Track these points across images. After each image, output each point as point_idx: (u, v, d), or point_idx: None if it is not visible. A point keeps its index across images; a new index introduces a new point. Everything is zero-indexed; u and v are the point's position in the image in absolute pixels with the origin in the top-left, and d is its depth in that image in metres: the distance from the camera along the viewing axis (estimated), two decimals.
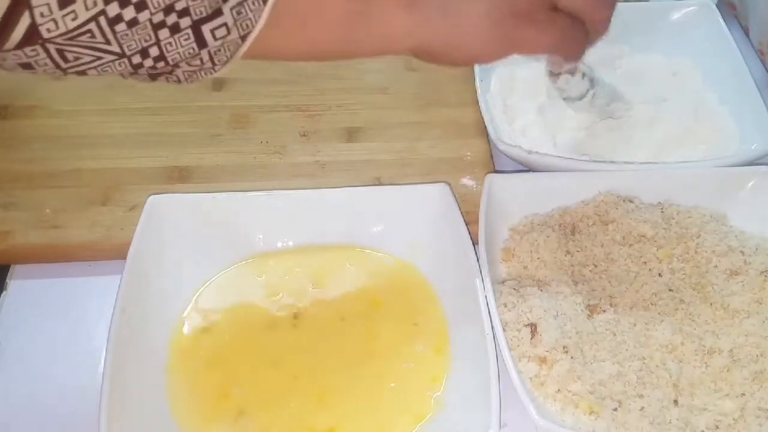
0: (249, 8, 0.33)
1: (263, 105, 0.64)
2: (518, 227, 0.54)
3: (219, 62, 0.34)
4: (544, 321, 0.46)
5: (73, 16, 0.29)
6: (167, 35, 0.32)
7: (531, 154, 0.55)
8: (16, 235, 0.53)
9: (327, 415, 0.45)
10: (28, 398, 0.47)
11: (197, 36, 0.33)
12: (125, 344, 0.44)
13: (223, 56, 0.34)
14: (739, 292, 0.49)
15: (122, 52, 0.32)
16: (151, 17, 0.31)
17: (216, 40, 0.33)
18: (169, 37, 0.32)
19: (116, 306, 0.45)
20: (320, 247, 0.53)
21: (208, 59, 0.34)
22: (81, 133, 0.61)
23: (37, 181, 0.57)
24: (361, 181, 0.58)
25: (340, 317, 0.50)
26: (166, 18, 0.31)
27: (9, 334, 0.50)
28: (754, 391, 0.44)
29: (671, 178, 0.55)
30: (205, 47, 0.33)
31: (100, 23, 0.30)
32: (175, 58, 0.33)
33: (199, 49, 0.33)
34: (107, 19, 0.30)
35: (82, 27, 0.30)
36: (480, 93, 0.60)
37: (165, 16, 0.31)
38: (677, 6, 0.68)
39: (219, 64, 0.35)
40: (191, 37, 0.32)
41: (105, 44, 0.31)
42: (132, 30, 0.31)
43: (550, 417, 0.42)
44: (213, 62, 0.34)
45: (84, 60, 0.32)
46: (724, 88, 0.62)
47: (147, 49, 0.32)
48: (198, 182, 0.57)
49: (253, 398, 0.46)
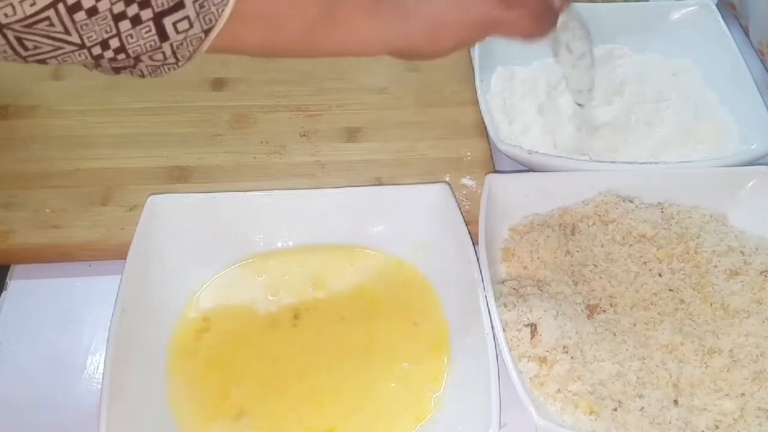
0: (212, 2, 0.32)
1: (263, 105, 0.64)
2: (518, 227, 0.54)
3: (182, 57, 0.34)
4: (544, 321, 0.46)
5: (31, 1, 0.29)
6: (128, 27, 0.32)
7: (531, 154, 0.55)
8: (16, 235, 0.53)
9: (327, 415, 0.45)
10: (27, 398, 0.47)
11: (159, 28, 0.32)
12: (125, 344, 0.44)
13: (185, 51, 0.34)
14: (739, 292, 0.49)
15: (82, 43, 0.31)
16: (112, 7, 0.30)
17: (178, 34, 0.33)
18: (130, 28, 0.32)
19: (116, 306, 0.45)
20: (320, 247, 0.53)
21: (171, 53, 0.34)
22: (81, 133, 0.61)
23: (37, 181, 0.57)
24: (361, 181, 0.58)
25: (340, 317, 0.50)
26: (126, 9, 0.31)
27: (9, 334, 0.50)
28: (754, 391, 0.44)
29: (671, 178, 0.55)
30: (167, 40, 0.33)
31: (59, 10, 0.30)
32: (137, 51, 0.33)
33: (160, 42, 0.33)
34: (66, 6, 0.30)
35: (40, 13, 0.30)
36: (480, 93, 0.60)
37: (126, 7, 0.31)
38: (677, 6, 0.68)
39: (182, 59, 0.34)
40: (153, 30, 0.32)
41: (64, 34, 0.31)
42: (92, 20, 0.31)
43: (550, 417, 0.42)
44: (176, 57, 0.34)
45: (44, 49, 0.31)
46: (724, 88, 0.63)
47: (107, 40, 0.32)
48: (198, 182, 0.57)
49: (253, 398, 0.46)
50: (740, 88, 0.61)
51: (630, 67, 0.66)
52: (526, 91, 0.63)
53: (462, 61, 0.68)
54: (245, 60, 0.67)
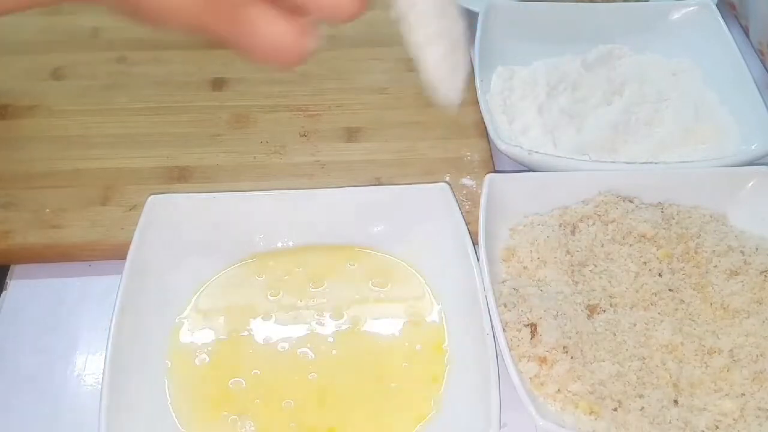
0: None
1: (263, 105, 0.64)
2: (518, 227, 0.54)
3: None
4: (544, 321, 0.46)
5: None
6: None
7: (531, 154, 0.55)
8: (16, 235, 0.53)
9: (327, 416, 0.45)
10: (27, 398, 0.47)
11: None
12: (125, 344, 0.44)
13: None
14: (739, 292, 0.49)
15: None
16: None
17: None
18: None
19: (116, 306, 0.45)
20: (320, 247, 0.53)
21: None
22: (80, 133, 0.60)
23: (37, 181, 0.57)
24: (361, 181, 0.58)
25: (339, 317, 0.50)
26: None
27: (9, 334, 0.50)
28: (754, 391, 0.44)
29: (671, 178, 0.55)
30: None
31: None
32: None
33: None
34: None
35: None
36: (480, 93, 0.60)
37: None
38: (677, 6, 0.68)
39: None
40: None
41: None
42: None
43: (550, 417, 0.42)
44: None
45: None
46: (724, 88, 0.62)
47: None
48: (198, 182, 0.57)
49: (253, 398, 0.46)
50: (740, 88, 0.61)
51: (630, 67, 0.66)
52: (526, 91, 0.63)
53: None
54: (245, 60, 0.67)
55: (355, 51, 0.69)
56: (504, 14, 0.67)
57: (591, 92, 0.63)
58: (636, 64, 0.66)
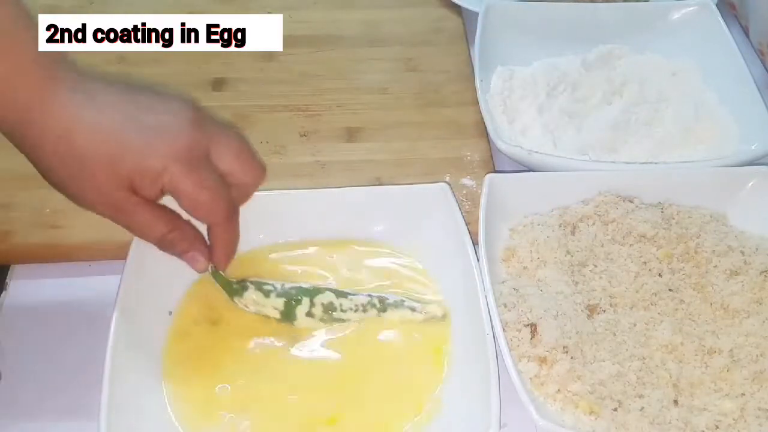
0: None
1: (263, 105, 0.64)
2: (518, 227, 0.54)
3: None
4: (544, 321, 0.46)
5: None
6: None
7: (531, 154, 0.55)
8: (16, 235, 0.53)
9: (327, 415, 0.45)
10: (28, 398, 0.47)
11: None
12: (125, 344, 0.44)
13: None
14: (739, 292, 0.49)
15: None
16: None
17: None
18: None
19: (116, 306, 0.45)
20: (320, 246, 0.53)
21: None
22: None
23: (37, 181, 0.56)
24: (361, 181, 0.58)
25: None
26: None
27: (9, 334, 0.50)
28: (754, 391, 0.44)
29: (671, 178, 0.55)
30: None
31: None
32: None
33: None
34: None
35: None
36: (480, 93, 0.60)
37: None
38: (677, 6, 0.68)
39: None
40: None
41: None
42: None
43: (550, 417, 0.42)
44: None
45: None
46: (724, 88, 0.63)
47: None
48: None
49: (253, 398, 0.46)
50: (740, 88, 0.61)
51: (630, 67, 0.66)
52: (526, 91, 0.63)
53: (462, 61, 0.68)
54: (245, 60, 0.67)
55: (355, 51, 0.69)
56: (504, 14, 0.67)
57: (591, 92, 0.63)
58: (636, 64, 0.66)
